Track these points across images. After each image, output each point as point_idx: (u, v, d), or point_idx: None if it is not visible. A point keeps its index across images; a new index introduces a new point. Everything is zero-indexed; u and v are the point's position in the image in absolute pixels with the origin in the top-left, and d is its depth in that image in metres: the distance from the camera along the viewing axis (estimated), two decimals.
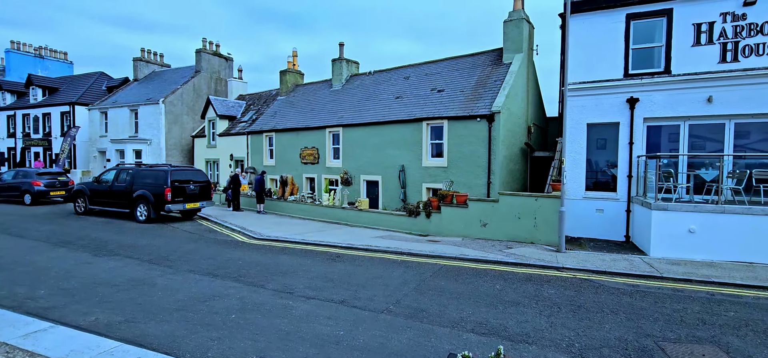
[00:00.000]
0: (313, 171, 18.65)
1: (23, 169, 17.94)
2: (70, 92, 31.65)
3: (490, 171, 13.21)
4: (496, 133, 13.05)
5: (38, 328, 3.67)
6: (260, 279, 7.31)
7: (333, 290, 6.71)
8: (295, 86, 23.63)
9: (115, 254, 9.05)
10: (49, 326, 3.82)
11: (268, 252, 9.46)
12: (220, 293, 6.59)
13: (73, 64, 40.92)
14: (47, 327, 3.73)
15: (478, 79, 15.04)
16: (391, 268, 8.08)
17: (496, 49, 15.95)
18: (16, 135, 32.87)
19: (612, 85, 11.32)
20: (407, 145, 15.23)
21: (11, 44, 36.98)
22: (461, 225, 11.79)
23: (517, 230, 10.91)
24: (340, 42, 20.67)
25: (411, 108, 15.63)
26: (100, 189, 13.89)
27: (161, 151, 24.99)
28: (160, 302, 6.11)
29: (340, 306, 6.01)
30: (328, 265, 8.31)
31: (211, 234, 11.68)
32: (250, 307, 5.98)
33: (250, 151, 21.73)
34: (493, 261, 8.43)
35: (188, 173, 13.67)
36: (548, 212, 10.43)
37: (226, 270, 7.87)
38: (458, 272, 7.75)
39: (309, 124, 18.78)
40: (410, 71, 18.18)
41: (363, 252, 9.46)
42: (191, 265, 8.23)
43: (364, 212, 14.01)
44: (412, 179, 15.11)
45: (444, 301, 6.24)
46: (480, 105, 13.70)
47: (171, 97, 25.32)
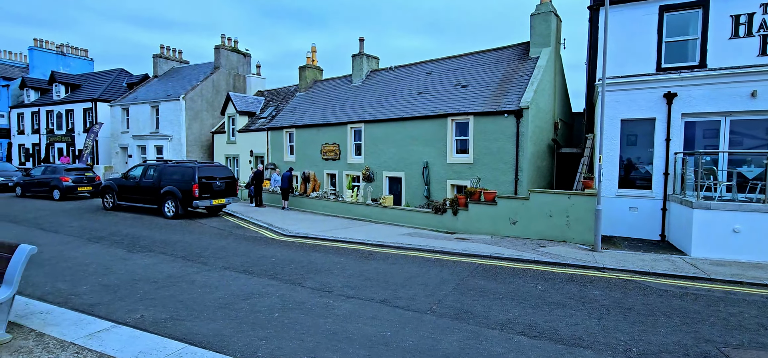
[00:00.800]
0: (334, 167, 18.62)
1: (52, 165, 18.29)
2: (91, 89, 32.20)
3: (517, 168, 12.99)
4: (524, 129, 12.81)
5: (100, 327, 3.67)
6: (296, 277, 7.28)
7: (372, 289, 6.64)
8: (314, 82, 23.61)
9: (149, 250, 9.12)
10: (111, 325, 3.81)
11: (299, 249, 9.44)
12: (259, 291, 6.57)
13: (93, 62, 41.62)
14: (109, 327, 3.73)
15: (504, 74, 14.78)
16: (427, 267, 7.97)
17: (521, 44, 15.65)
18: (41, 131, 33.59)
19: (648, 80, 10.99)
20: (431, 141, 15.08)
21: (34, 42, 37.73)
22: (489, 223, 11.62)
23: (548, 228, 10.70)
24: (360, 37, 20.56)
25: (434, 104, 15.45)
26: (128, 185, 14.08)
27: (182, 147, 25.26)
28: (202, 300, 6.12)
29: (382, 306, 5.93)
30: (362, 263, 8.25)
31: (239, 231, 11.72)
32: (292, 305, 5.94)
33: (270, 147, 21.81)
34: (529, 260, 8.26)
35: (214, 170, 13.75)
36: (582, 210, 10.20)
37: (260, 267, 7.87)
38: (495, 272, 7.61)
39: (330, 120, 18.74)
40: (432, 66, 17.98)
41: (394, 250, 9.37)
42: (225, 262, 8.24)
43: (388, 209, 13.92)
44: (436, 176, 14.96)
45: (487, 302, 6.11)
46: (507, 100, 13.46)
47: (191, 94, 25.54)
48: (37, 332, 3.52)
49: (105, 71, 35.10)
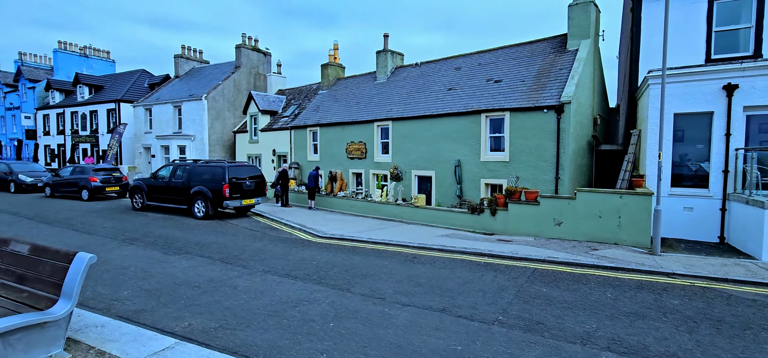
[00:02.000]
0: (359, 166, 18.25)
1: (80, 165, 18.36)
2: (114, 90, 32.51)
3: (558, 166, 12.39)
4: (565, 125, 12.21)
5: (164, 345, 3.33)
6: (343, 282, 6.89)
7: (426, 296, 6.20)
8: (337, 80, 23.28)
9: (186, 252, 8.86)
10: (174, 342, 3.47)
11: (337, 252, 9.07)
12: (306, 297, 6.20)
13: (115, 63, 42.15)
14: (173, 344, 3.38)
15: (540, 67, 14.17)
16: (478, 271, 7.50)
17: (558, 36, 15.01)
18: (65, 132, 34.07)
19: (705, 72, 10.28)
20: (463, 138, 14.56)
21: (59, 44, 38.36)
22: (531, 224, 11.07)
23: (597, 229, 10.10)
24: (384, 33, 20.14)
25: (466, 100, 14.93)
26: (157, 185, 13.93)
27: (204, 146, 25.22)
28: (249, 307, 5.77)
29: (442, 315, 5.49)
30: (408, 267, 7.82)
31: (272, 232, 11.42)
32: (345, 314, 5.55)
33: (294, 146, 21.55)
34: (586, 264, 7.72)
35: (244, 169, 13.50)
36: (635, 210, 9.58)
37: (303, 271, 7.51)
38: (555, 278, 7.10)
39: (355, 118, 18.36)
40: (461, 61, 17.44)
41: (438, 253, 8.92)
42: (265, 265, 7.91)
43: (421, 209, 13.47)
44: (468, 175, 14.44)
45: (556, 311, 5.62)
46: (546, 95, 12.86)
47: (213, 93, 25.47)
48: (97, 350, 3.19)
49: (127, 72, 35.45)
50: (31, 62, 40.48)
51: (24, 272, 3.32)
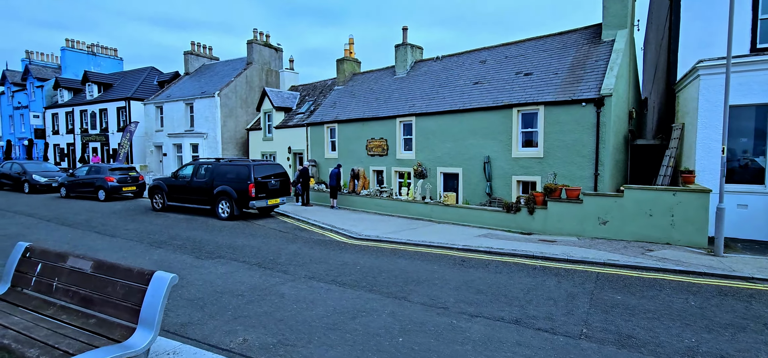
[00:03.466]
0: (381, 163, 17.75)
1: (96, 165, 17.94)
2: (123, 88, 32.12)
3: (598, 162, 11.85)
4: (605, 119, 11.66)
5: None
6: (396, 289, 6.41)
7: (493, 305, 5.71)
8: (353, 75, 22.76)
9: (218, 256, 8.40)
10: None
11: (380, 255, 8.59)
12: (362, 306, 5.72)
13: (122, 61, 41.76)
14: None
15: (574, 59, 13.59)
16: (538, 276, 7.00)
17: (590, 27, 14.43)
18: (75, 131, 33.75)
19: (761, 62, 9.70)
20: (493, 134, 14.03)
21: (66, 42, 37.99)
22: (573, 223, 10.55)
23: (646, 229, 9.57)
24: (403, 27, 19.58)
25: (495, 94, 14.38)
26: (178, 185, 13.48)
27: (217, 144, 24.79)
28: (303, 318, 5.30)
29: (520, 328, 5.01)
30: (460, 271, 7.33)
31: (303, 233, 10.95)
32: (411, 326, 5.07)
33: (310, 143, 21.08)
34: (651, 268, 7.20)
35: (269, 168, 13.02)
36: (691, 209, 9.04)
37: (349, 277, 7.03)
38: (624, 283, 6.59)
39: (376, 113, 17.85)
40: (486, 54, 16.87)
41: (485, 255, 8.43)
42: (307, 270, 7.44)
43: (451, 208, 12.97)
44: (499, 171, 13.92)
45: (643, 322, 5.12)
46: (583, 88, 12.30)
47: (225, 90, 25.02)
48: None
49: (136, 70, 35.05)
50: (39, 61, 40.10)
51: (89, 293, 2.85)
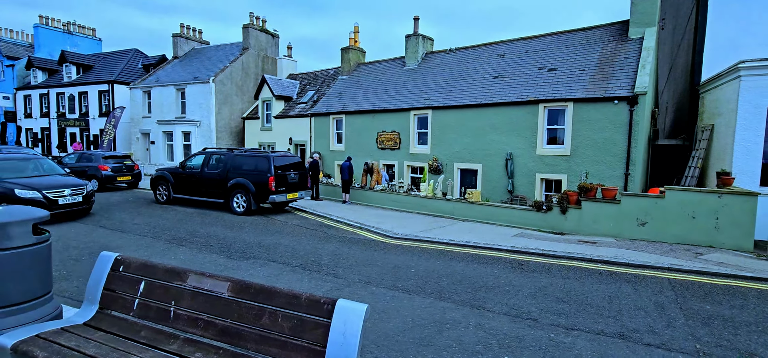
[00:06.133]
0: (392, 158, 17.16)
1: (87, 152, 16.60)
2: (105, 70, 30.23)
3: (629, 161, 11.64)
4: (638, 118, 11.44)
5: None
6: (467, 297, 5.90)
7: (582, 316, 5.27)
8: (358, 65, 22.00)
9: (252, 256, 7.67)
10: None
11: (428, 256, 8.05)
12: (440, 317, 5.19)
13: (101, 42, 39.42)
14: None
15: (601, 56, 13.34)
16: (611, 283, 6.62)
17: (616, 23, 14.20)
18: (50, 115, 31.61)
19: None
20: (516, 130, 13.66)
21: (40, 19, 35.44)
22: (609, 223, 10.30)
23: (688, 231, 9.39)
24: (414, 16, 18.94)
25: (519, 89, 14.00)
26: (186, 176, 12.46)
27: (211, 133, 23.59)
28: (383, 331, 4.73)
29: (629, 344, 4.58)
30: (524, 276, 6.88)
31: (332, 230, 10.27)
32: (509, 342, 4.58)
33: (314, 134, 20.26)
34: (721, 274, 6.94)
35: (288, 159, 12.21)
36: (737, 212, 8.89)
37: (409, 282, 6.47)
38: (704, 290, 6.28)
39: (388, 106, 17.21)
40: (504, 48, 16.48)
41: (538, 257, 8.02)
42: (359, 274, 6.83)
43: (475, 205, 12.54)
44: (522, 169, 13.58)
45: (752, 336, 4.79)
46: (614, 85, 12.05)
47: (221, 76, 23.78)
48: None
49: (118, 51, 33.05)
50: (8, 38, 37.32)
51: (233, 324, 2.18)
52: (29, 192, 9.39)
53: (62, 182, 10.25)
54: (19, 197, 9.20)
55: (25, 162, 10.85)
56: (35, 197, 9.33)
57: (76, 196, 10.16)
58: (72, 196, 10.05)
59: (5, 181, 9.65)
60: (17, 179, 9.90)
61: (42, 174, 10.69)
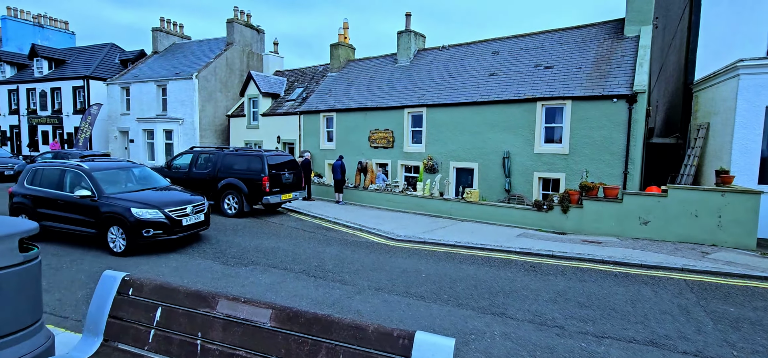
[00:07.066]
0: (385, 156, 16.80)
1: (62, 152, 15.64)
2: (80, 65, 28.81)
3: (628, 160, 11.60)
4: (637, 116, 11.40)
5: None
6: (486, 303, 5.60)
7: (610, 323, 5.04)
8: (348, 62, 21.52)
9: (251, 262, 7.19)
10: None
11: (436, 259, 7.72)
12: (463, 326, 4.88)
13: (75, 35, 37.67)
14: None
15: (597, 54, 13.29)
16: (629, 285, 6.43)
17: (611, 21, 14.20)
18: (20, 112, 29.98)
19: None
20: (513, 128, 13.49)
21: (8, 11, 33.60)
22: (612, 222, 10.20)
23: (691, 230, 9.36)
24: (406, 13, 18.61)
25: (515, 86, 13.83)
26: (173, 176, 11.79)
27: (195, 131, 22.72)
28: None
29: (664, 352, 4.37)
30: (540, 279, 6.63)
31: (331, 233, 9.83)
32: (540, 353, 4.32)
33: (303, 132, 19.70)
34: (732, 274, 6.86)
35: (280, 158, 11.68)
36: (740, 210, 8.89)
37: (421, 288, 6.13)
38: (723, 292, 6.15)
39: (380, 103, 16.83)
40: (498, 45, 16.31)
41: (548, 259, 7.80)
42: (368, 280, 6.45)
43: (473, 205, 12.31)
44: (519, 167, 13.42)
45: None
46: (612, 83, 11.99)
47: (204, 72, 22.92)
48: None
49: (93, 46, 31.56)
50: None
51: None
52: (148, 211, 7.37)
53: (178, 197, 8.20)
54: (139, 218, 7.25)
55: (120, 172, 8.55)
56: (157, 218, 7.39)
57: (199, 213, 8.21)
58: (195, 214, 8.11)
59: (116, 198, 7.59)
60: (124, 194, 7.86)
61: (148, 187, 8.52)
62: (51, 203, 7.97)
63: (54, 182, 8.13)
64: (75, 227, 7.76)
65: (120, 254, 7.42)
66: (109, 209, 7.40)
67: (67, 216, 7.80)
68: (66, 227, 7.86)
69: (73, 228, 7.79)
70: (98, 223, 7.47)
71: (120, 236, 7.35)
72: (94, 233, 7.57)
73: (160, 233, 7.39)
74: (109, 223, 7.39)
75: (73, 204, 7.72)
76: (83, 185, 7.79)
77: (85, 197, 7.59)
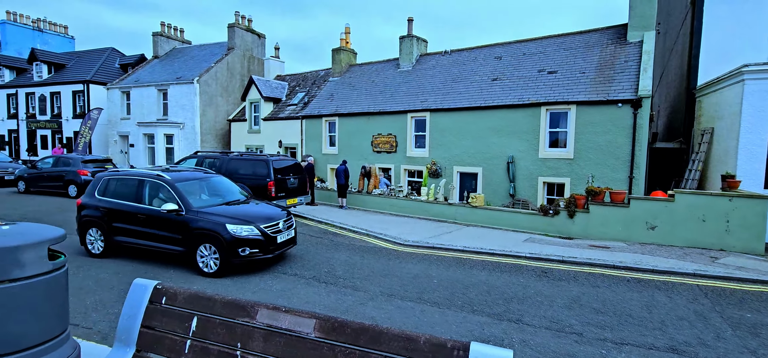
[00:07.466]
0: (388, 161, 16.76)
1: (64, 156, 15.49)
2: (80, 69, 28.72)
3: (633, 164, 11.62)
4: (642, 121, 11.44)
5: None
6: (501, 310, 5.55)
7: (629, 330, 5.00)
8: (349, 66, 21.54)
9: (260, 268, 7.12)
10: None
11: (446, 265, 7.67)
12: (480, 333, 4.83)
13: (74, 40, 37.56)
14: None
15: (600, 59, 13.34)
16: (643, 291, 6.40)
17: (613, 27, 14.27)
18: (19, 116, 29.80)
19: None
20: (517, 133, 13.49)
21: (7, 15, 33.52)
22: (618, 227, 10.19)
23: (698, 234, 9.35)
24: (408, 17, 18.65)
25: (519, 91, 13.85)
26: None
27: (196, 135, 22.64)
28: None
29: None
30: (552, 285, 6.58)
31: (339, 238, 9.77)
32: None
33: (305, 137, 19.66)
34: (746, 279, 6.84)
35: (285, 162, 11.64)
36: (748, 214, 8.89)
37: (434, 294, 6.08)
38: (738, 298, 6.12)
39: (383, 108, 16.82)
40: (501, 50, 16.35)
41: (559, 264, 7.76)
42: (379, 286, 6.39)
43: (478, 210, 12.27)
44: (524, 172, 13.41)
45: None
46: (616, 88, 12.03)
47: (205, 76, 22.87)
48: None
49: (93, 50, 31.48)
50: None
51: None
52: (244, 227, 6.61)
53: (267, 211, 7.41)
54: (236, 236, 6.51)
55: (199, 183, 7.78)
56: (253, 235, 6.63)
57: (289, 229, 7.49)
58: (287, 230, 7.37)
59: (205, 212, 6.82)
60: (211, 207, 7.07)
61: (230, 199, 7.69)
62: (130, 218, 7.10)
63: (131, 193, 7.29)
64: (158, 244, 6.93)
65: (212, 275, 6.59)
66: (201, 224, 6.60)
67: (150, 232, 6.95)
68: (146, 244, 7.02)
69: (156, 245, 6.94)
70: (187, 240, 6.67)
71: (211, 256, 6.56)
72: (181, 251, 6.75)
73: (256, 251, 6.58)
74: (200, 240, 6.58)
75: (158, 219, 6.89)
76: (168, 198, 6.99)
77: (172, 212, 6.79)
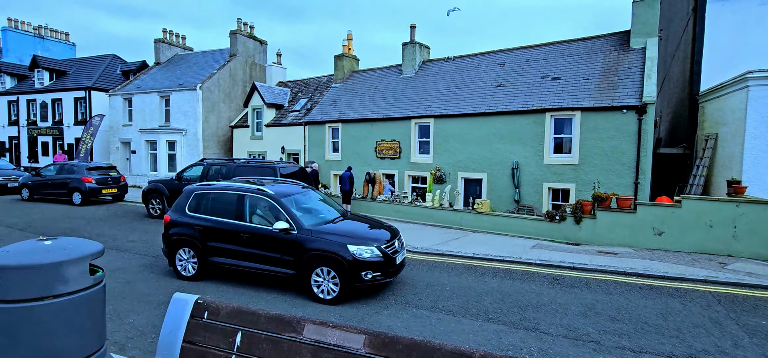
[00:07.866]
0: (392, 167, 16.79)
1: (68, 163, 15.43)
2: (81, 76, 28.71)
3: (638, 170, 11.66)
4: (647, 127, 11.49)
5: None
6: (516, 318, 5.55)
7: (645, 338, 5.00)
8: (352, 73, 21.60)
9: None
10: None
11: (459, 272, 7.66)
12: (498, 342, 4.83)
13: (75, 47, 37.61)
14: None
15: (603, 65, 13.42)
16: (656, 298, 6.40)
17: (616, 33, 14.36)
18: (20, 123, 29.76)
19: None
20: (523, 139, 13.54)
21: (9, 22, 33.52)
22: (625, 233, 10.21)
23: (706, 240, 9.38)
24: (411, 24, 18.75)
25: (523, 97, 13.91)
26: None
27: (198, 142, 22.63)
28: None
29: None
30: (565, 292, 6.59)
31: None
32: None
33: (308, 143, 19.68)
34: (752, 285, 6.86)
35: (291, 169, 11.63)
36: (756, 220, 8.93)
37: (449, 302, 6.07)
38: (752, 304, 6.13)
39: (387, 114, 16.87)
40: (504, 57, 16.44)
41: (571, 271, 7.77)
42: (393, 294, 6.39)
43: (484, 216, 12.29)
44: (528, 178, 13.44)
45: None
46: (621, 94, 12.10)
47: (208, 83, 22.91)
48: None
49: (95, 57, 31.51)
50: None
51: None
52: (364, 248, 6.00)
53: (378, 230, 6.71)
54: (358, 258, 5.88)
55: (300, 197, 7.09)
56: (375, 257, 6.00)
57: (403, 249, 6.86)
58: (402, 249, 6.77)
59: (319, 231, 6.21)
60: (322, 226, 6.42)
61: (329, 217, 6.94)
62: (230, 237, 6.45)
63: (229, 210, 6.61)
64: (264, 265, 6.28)
65: (329, 302, 5.96)
66: (317, 245, 5.97)
67: (254, 253, 6.31)
68: (250, 266, 6.38)
69: (262, 267, 6.30)
70: (300, 262, 6.03)
71: (329, 280, 5.94)
72: (292, 274, 6.13)
73: (378, 275, 5.96)
74: (316, 263, 5.96)
75: (265, 238, 6.23)
76: (275, 215, 6.35)
77: (283, 230, 6.12)
